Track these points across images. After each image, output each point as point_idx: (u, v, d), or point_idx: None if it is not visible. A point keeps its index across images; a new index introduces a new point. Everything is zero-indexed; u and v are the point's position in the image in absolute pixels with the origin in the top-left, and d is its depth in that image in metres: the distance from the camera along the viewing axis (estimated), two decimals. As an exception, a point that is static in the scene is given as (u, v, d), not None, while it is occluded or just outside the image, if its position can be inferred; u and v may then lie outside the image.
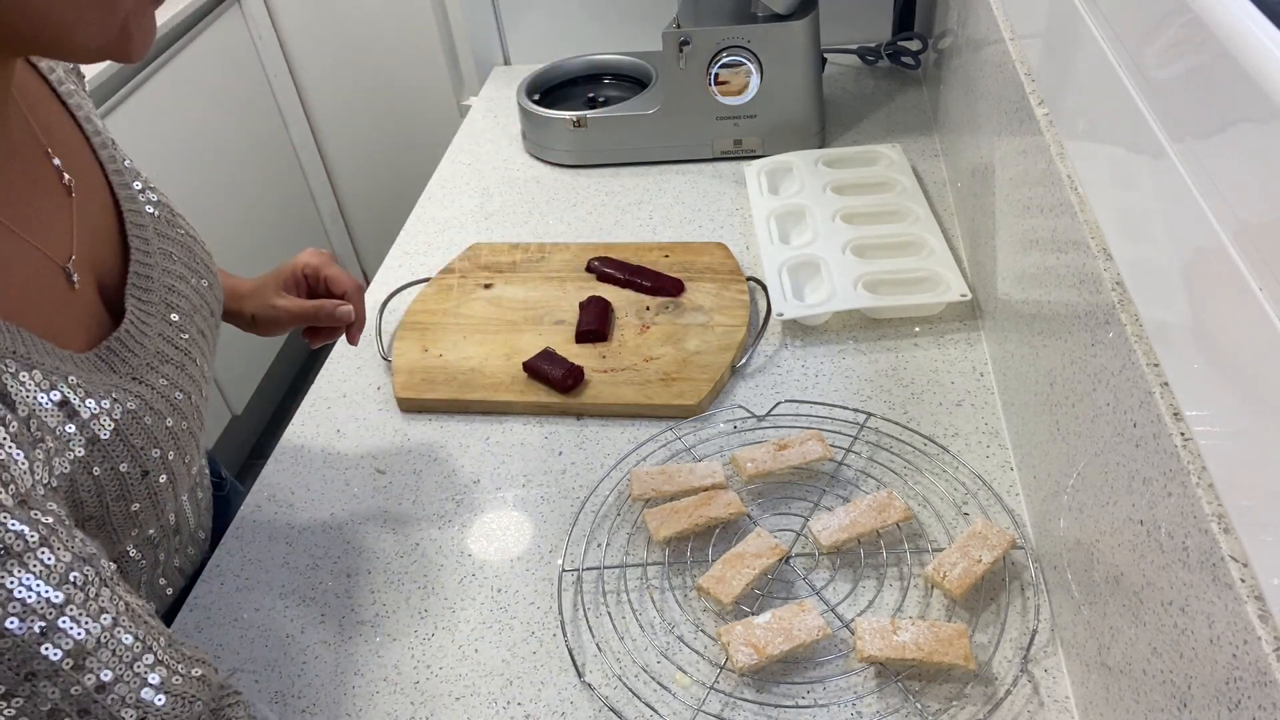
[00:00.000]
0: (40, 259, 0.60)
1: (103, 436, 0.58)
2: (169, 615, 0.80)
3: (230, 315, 0.87)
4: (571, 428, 0.91)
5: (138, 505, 0.62)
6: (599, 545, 0.79)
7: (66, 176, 0.63)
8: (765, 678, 0.68)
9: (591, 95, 1.41)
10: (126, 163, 0.71)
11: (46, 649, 0.48)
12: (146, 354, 0.64)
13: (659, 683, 0.69)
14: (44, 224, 0.61)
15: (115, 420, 0.59)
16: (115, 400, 0.59)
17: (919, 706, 0.65)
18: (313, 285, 0.88)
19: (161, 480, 0.63)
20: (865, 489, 0.81)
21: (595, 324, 0.98)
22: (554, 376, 0.92)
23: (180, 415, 0.65)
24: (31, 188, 0.61)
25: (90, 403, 0.58)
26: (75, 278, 0.62)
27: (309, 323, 0.86)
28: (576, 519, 0.82)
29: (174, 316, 0.68)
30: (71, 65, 0.72)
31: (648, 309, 1.02)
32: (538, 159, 1.37)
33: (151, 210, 0.70)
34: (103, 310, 0.64)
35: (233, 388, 1.99)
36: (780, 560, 0.74)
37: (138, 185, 0.70)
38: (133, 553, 0.71)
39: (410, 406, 0.96)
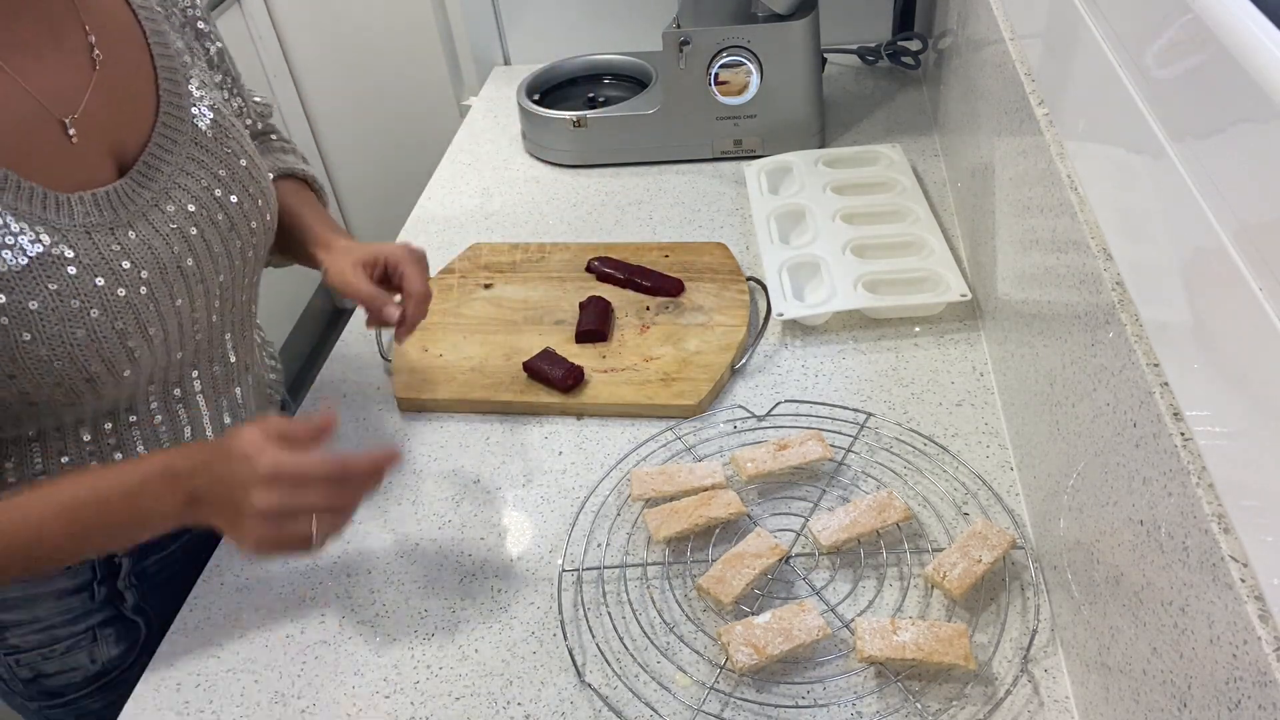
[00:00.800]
0: (32, 104, 0.66)
1: (12, 263, 0.62)
2: (179, 596, 0.80)
3: (307, 258, 0.89)
4: (571, 428, 0.91)
5: (49, 352, 0.65)
6: (599, 545, 0.79)
7: (97, 52, 0.70)
8: (765, 678, 0.68)
9: (591, 95, 1.41)
10: (192, 84, 0.77)
11: None
12: (114, 219, 0.68)
13: (659, 683, 0.69)
14: (50, 78, 0.67)
15: (30, 257, 0.63)
16: (39, 239, 0.63)
17: (919, 706, 0.65)
18: (390, 274, 0.86)
19: (79, 334, 0.65)
20: (865, 489, 0.81)
21: (595, 324, 0.98)
22: (554, 376, 0.92)
23: (117, 281, 0.67)
24: (43, 42, 0.67)
25: (2, 232, 0.62)
26: (73, 133, 0.67)
27: (361, 305, 0.85)
28: (576, 519, 0.82)
29: (169, 207, 0.72)
30: None
31: (648, 309, 1.02)
32: (538, 159, 1.37)
33: (200, 124, 0.76)
34: (108, 178, 0.69)
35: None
36: (780, 560, 0.74)
37: (195, 96, 0.76)
38: (140, 448, 0.76)
39: (410, 406, 0.96)
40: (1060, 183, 0.69)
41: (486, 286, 1.08)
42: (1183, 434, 0.48)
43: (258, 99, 0.96)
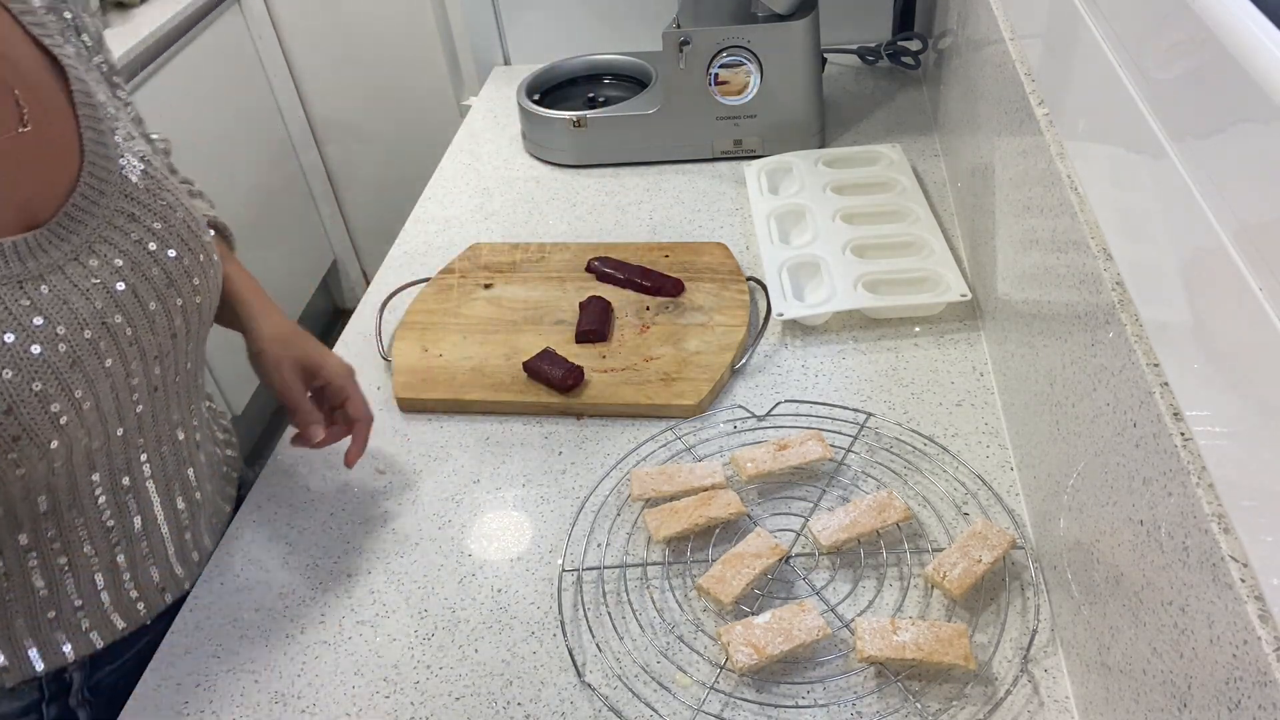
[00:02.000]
0: None
1: None
2: (147, 652, 0.76)
3: (229, 320, 0.85)
4: (571, 428, 0.91)
5: None
6: (599, 545, 0.79)
7: (25, 110, 0.64)
8: (765, 678, 0.68)
9: (591, 95, 1.41)
10: (118, 135, 0.70)
11: None
12: (21, 271, 0.62)
13: (659, 683, 0.69)
14: None
15: None
16: None
17: (919, 706, 0.65)
18: (330, 392, 0.84)
19: None
20: (865, 489, 0.81)
21: (595, 324, 0.98)
22: (554, 377, 0.92)
23: (30, 338, 0.61)
24: None
25: None
26: None
27: (290, 413, 0.82)
28: (576, 519, 0.82)
29: (91, 261, 0.66)
30: (93, 31, 0.73)
31: (647, 309, 1.02)
32: (538, 159, 1.37)
33: (130, 175, 0.69)
34: (12, 225, 0.63)
35: (233, 388, 1.99)
36: (780, 560, 0.74)
37: (121, 147, 0.70)
38: (86, 548, 0.70)
39: (410, 406, 0.95)
40: (1060, 183, 0.69)
41: (486, 286, 1.08)
42: (1183, 434, 0.48)
43: (156, 136, 0.86)
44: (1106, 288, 0.59)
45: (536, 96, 1.38)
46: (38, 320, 0.61)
